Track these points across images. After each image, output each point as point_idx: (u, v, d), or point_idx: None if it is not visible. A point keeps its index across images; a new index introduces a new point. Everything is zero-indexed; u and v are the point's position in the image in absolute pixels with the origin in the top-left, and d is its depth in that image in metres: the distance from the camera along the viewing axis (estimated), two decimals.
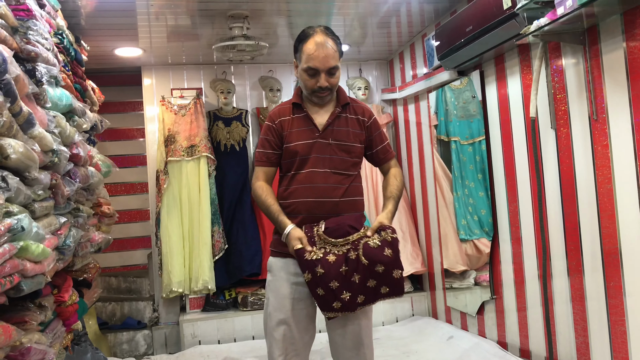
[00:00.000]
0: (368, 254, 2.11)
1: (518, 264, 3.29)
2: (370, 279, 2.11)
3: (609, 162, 2.50)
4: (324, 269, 2.08)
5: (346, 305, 2.10)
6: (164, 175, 4.40)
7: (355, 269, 2.11)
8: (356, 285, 2.11)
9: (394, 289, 2.14)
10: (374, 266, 2.10)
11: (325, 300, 2.10)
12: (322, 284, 2.08)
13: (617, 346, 2.52)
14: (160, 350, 4.39)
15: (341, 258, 2.11)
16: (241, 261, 4.44)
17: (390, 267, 2.11)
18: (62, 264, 2.57)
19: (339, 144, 2.22)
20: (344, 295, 2.10)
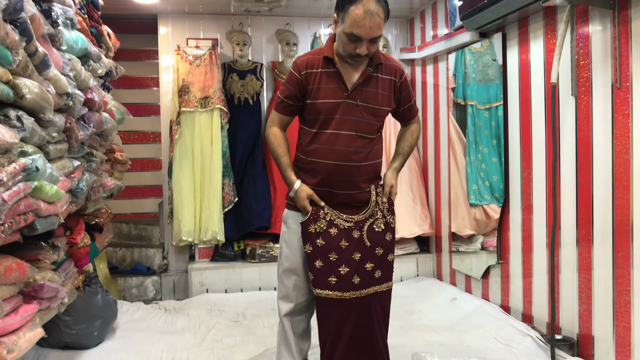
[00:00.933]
0: (372, 237, 2.20)
1: (527, 231, 3.29)
2: (369, 262, 2.20)
3: (628, 131, 2.45)
4: (324, 241, 2.15)
5: (341, 283, 2.15)
6: (176, 126, 4.40)
7: (357, 247, 2.18)
8: (355, 263, 2.17)
9: (385, 274, 2.26)
10: (375, 248, 2.20)
11: (321, 274, 2.14)
12: (322, 255, 2.13)
13: (620, 315, 2.53)
14: (169, 297, 4.50)
15: (344, 233, 2.17)
16: (251, 215, 4.48)
17: (387, 251, 2.25)
18: (74, 206, 2.61)
19: (367, 106, 2.16)
20: (342, 269, 2.15)
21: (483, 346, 3.08)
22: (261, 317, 3.72)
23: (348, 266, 2.17)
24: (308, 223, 2.18)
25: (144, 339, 3.32)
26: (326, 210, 2.20)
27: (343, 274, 2.16)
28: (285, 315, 2.27)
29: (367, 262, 2.20)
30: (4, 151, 1.75)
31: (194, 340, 3.32)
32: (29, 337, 1.96)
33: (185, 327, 3.56)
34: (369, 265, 2.20)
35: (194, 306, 4.01)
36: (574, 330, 2.87)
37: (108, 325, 3.31)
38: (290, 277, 2.22)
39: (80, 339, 3.08)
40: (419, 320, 3.62)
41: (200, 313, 3.85)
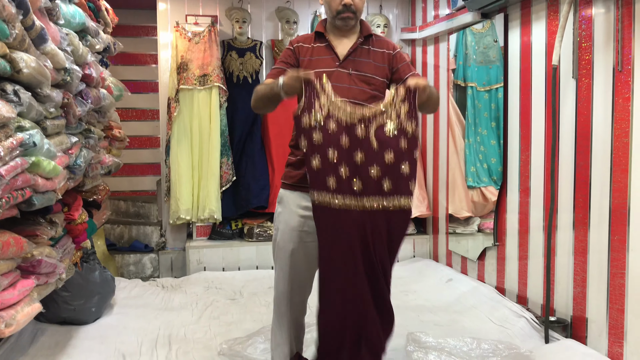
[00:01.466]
0: (381, 139, 1.88)
1: (524, 214, 3.30)
2: (375, 166, 1.90)
3: (628, 115, 2.45)
4: (322, 137, 1.89)
5: (341, 187, 1.90)
6: (174, 103, 4.38)
7: (360, 146, 1.89)
8: (357, 165, 1.90)
9: (396, 187, 1.91)
10: (383, 152, 1.88)
11: (318, 175, 1.90)
12: (320, 153, 1.89)
13: (614, 298, 2.56)
14: (166, 274, 4.52)
15: (344, 129, 1.90)
16: (249, 194, 4.48)
17: (399, 159, 1.90)
18: (72, 183, 2.60)
19: (359, 75, 2.18)
20: (342, 169, 1.88)
21: (478, 327, 3.11)
22: (258, 295, 3.75)
23: (349, 166, 1.89)
24: (301, 114, 1.89)
25: (141, 316, 3.34)
26: (322, 100, 1.90)
27: (344, 177, 1.88)
28: (281, 295, 2.28)
29: (371, 165, 1.88)
30: (1, 126, 1.74)
31: (191, 317, 3.34)
32: (27, 312, 1.97)
33: (183, 305, 3.58)
34: (374, 170, 1.88)
35: (191, 284, 4.04)
36: (568, 312, 2.90)
37: (106, 302, 3.33)
38: (286, 258, 2.22)
39: (78, 315, 3.10)
40: (415, 300, 3.65)
41: (197, 290, 3.87)
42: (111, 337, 2.97)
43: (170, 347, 2.85)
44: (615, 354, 2.55)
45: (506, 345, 2.74)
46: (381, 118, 1.91)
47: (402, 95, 1.92)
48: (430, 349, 2.72)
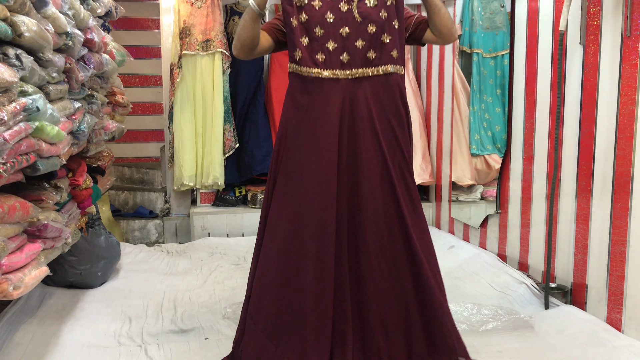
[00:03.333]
0: (363, 12, 2.02)
1: (527, 182, 3.30)
2: (360, 39, 2.03)
3: (635, 81, 2.42)
4: (307, 14, 2.02)
5: (330, 60, 2.03)
6: (177, 69, 4.35)
7: (344, 21, 2.03)
8: (343, 38, 2.03)
9: (381, 57, 2.04)
10: (366, 25, 2.02)
11: (307, 51, 2.02)
12: (307, 31, 2.03)
13: (615, 265, 2.58)
14: (171, 240, 4.57)
15: (328, 5, 2.03)
16: (252, 161, 4.49)
17: (380, 30, 2.03)
18: (76, 148, 2.61)
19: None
20: (329, 44, 2.01)
21: (479, 293, 3.15)
22: None
23: (336, 41, 2.02)
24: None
25: (146, 280, 3.39)
26: None
27: (331, 50, 2.02)
28: None
29: (356, 38, 2.03)
30: (3, 90, 1.73)
31: (195, 281, 3.39)
32: (35, 275, 2.01)
33: (187, 269, 3.63)
34: (359, 42, 2.03)
35: (195, 249, 4.08)
36: (568, 279, 2.93)
37: (111, 266, 3.38)
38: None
39: (85, 279, 3.15)
40: None
41: (202, 256, 3.92)
42: (117, 301, 3.03)
43: (176, 311, 2.90)
44: (614, 320, 2.59)
45: (506, 310, 2.78)
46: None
47: None
48: None
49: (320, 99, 2.06)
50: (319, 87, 2.05)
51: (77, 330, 2.63)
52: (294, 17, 2.02)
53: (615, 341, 2.42)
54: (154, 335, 2.61)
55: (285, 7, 2.04)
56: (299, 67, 2.06)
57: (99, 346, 2.48)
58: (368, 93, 2.06)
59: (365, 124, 2.05)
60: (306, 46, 2.02)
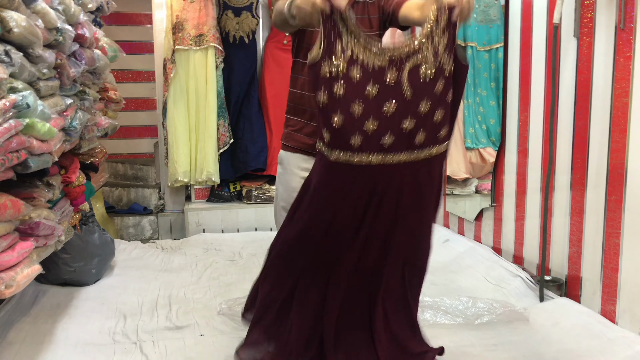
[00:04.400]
0: (414, 83, 1.56)
1: (522, 175, 3.30)
2: (410, 117, 1.59)
3: (629, 74, 2.42)
4: (344, 88, 1.55)
5: (367, 145, 1.60)
6: (171, 64, 4.32)
7: (390, 95, 1.57)
8: (387, 118, 1.58)
9: (430, 139, 1.63)
10: (419, 100, 1.58)
11: (339, 134, 1.58)
12: (342, 108, 1.57)
13: (609, 257, 2.58)
14: (165, 236, 4.55)
15: (371, 76, 1.56)
16: (247, 156, 4.48)
17: (434, 107, 1.60)
18: (68, 145, 2.59)
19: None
20: (369, 124, 1.57)
21: (474, 286, 3.16)
22: (257, 256, 3.78)
23: (377, 119, 1.57)
24: (320, 61, 1.55)
25: (141, 277, 3.38)
26: (345, 40, 1.53)
27: (370, 134, 1.58)
28: None
29: (404, 117, 1.58)
30: None
31: (190, 278, 3.38)
32: (27, 273, 1.99)
33: (182, 266, 3.62)
34: (407, 122, 1.58)
35: (190, 245, 4.07)
36: (563, 272, 2.93)
37: (106, 263, 3.37)
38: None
39: (79, 276, 3.14)
40: None
41: (197, 252, 3.91)
42: (112, 298, 3.01)
43: (171, 307, 2.89)
44: (608, 312, 2.59)
45: (501, 303, 2.78)
46: (415, 58, 1.56)
47: (444, 23, 1.56)
48: (426, 307, 2.77)
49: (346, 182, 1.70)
50: (344, 171, 1.67)
51: (72, 328, 2.62)
52: (325, 91, 1.58)
53: (609, 333, 2.43)
54: (149, 332, 2.60)
55: (313, 78, 1.62)
56: (328, 151, 1.66)
57: (94, 344, 2.47)
58: (405, 181, 1.70)
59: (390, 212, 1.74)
60: (339, 128, 1.59)
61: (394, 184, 1.69)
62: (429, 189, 1.77)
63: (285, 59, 4.10)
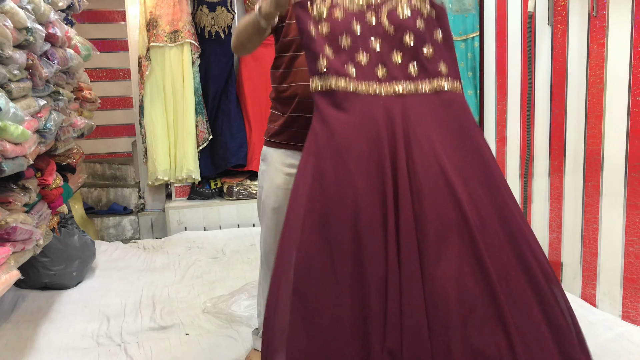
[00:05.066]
0: (394, 22, 1.65)
1: (500, 163, 3.33)
2: (396, 50, 1.64)
3: (603, 61, 2.45)
4: (330, 26, 1.62)
5: (363, 73, 1.61)
6: (146, 62, 4.26)
7: (374, 33, 1.64)
8: (376, 52, 1.62)
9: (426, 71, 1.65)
10: (401, 35, 1.64)
11: (333, 64, 1.58)
12: (330, 42, 1.61)
13: (588, 242, 2.63)
14: (147, 235, 4.51)
15: (352, 15, 1.64)
16: (226, 153, 4.44)
17: (420, 42, 1.64)
18: (44, 147, 2.55)
19: None
20: (360, 56, 1.60)
21: None
22: (240, 252, 3.77)
23: (367, 53, 1.62)
24: (304, 3, 1.63)
25: (124, 278, 3.34)
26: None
27: (363, 64, 1.61)
28: (269, 251, 2.28)
29: (391, 51, 1.63)
30: None
31: (173, 277, 3.36)
32: (5, 280, 1.96)
33: (165, 265, 3.59)
34: (395, 55, 1.63)
35: (172, 244, 4.04)
36: None
37: (87, 265, 3.32)
38: (272, 215, 2.21)
39: (60, 279, 3.09)
40: None
41: (179, 251, 3.88)
42: (94, 300, 2.98)
43: (155, 308, 2.87)
44: (588, 295, 2.64)
45: None
46: (390, 3, 1.66)
47: None
48: None
49: (360, 115, 1.59)
50: (354, 104, 1.59)
51: (54, 332, 2.58)
52: (312, 26, 1.61)
53: (590, 316, 2.47)
54: (134, 333, 2.58)
55: (299, 14, 1.64)
56: (324, 81, 1.60)
57: (77, 348, 2.44)
58: (425, 114, 1.61)
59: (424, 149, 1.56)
60: (332, 58, 1.60)
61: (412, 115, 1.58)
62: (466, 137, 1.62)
63: (262, 53, 4.07)
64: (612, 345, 2.23)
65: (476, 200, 1.54)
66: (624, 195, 2.40)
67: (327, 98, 1.58)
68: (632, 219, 2.37)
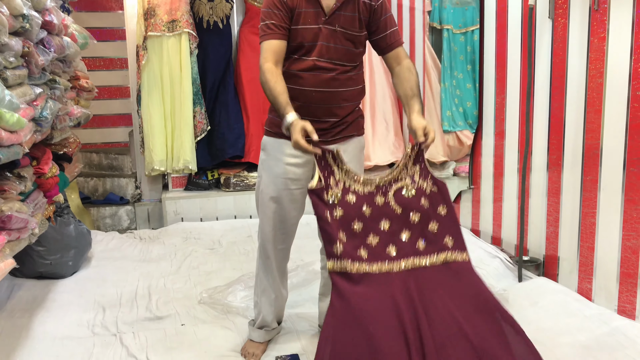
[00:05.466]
0: (402, 203, 1.81)
1: (499, 157, 3.32)
2: (405, 230, 1.81)
3: (603, 55, 2.44)
4: (343, 210, 1.79)
5: (374, 255, 1.76)
6: (143, 51, 4.23)
7: (383, 214, 1.81)
8: (385, 233, 1.79)
9: (433, 246, 1.80)
10: (408, 213, 1.81)
11: (346, 247, 1.74)
12: (344, 226, 1.77)
13: (585, 236, 2.62)
14: (143, 226, 4.49)
15: (363, 198, 1.82)
16: (224, 144, 4.42)
17: (426, 219, 1.81)
18: (39, 135, 2.52)
19: (345, 32, 2.04)
20: (370, 239, 1.77)
21: None
22: (237, 244, 3.76)
23: (378, 234, 1.78)
24: (320, 192, 1.80)
25: (120, 268, 3.34)
26: (337, 175, 1.83)
27: (374, 246, 1.78)
28: (267, 241, 2.28)
29: (400, 230, 1.80)
30: None
31: (170, 267, 3.35)
32: (0, 268, 1.94)
33: (161, 256, 3.58)
34: (405, 234, 1.80)
35: (169, 235, 4.03)
36: (540, 252, 2.97)
37: (82, 255, 3.31)
38: (270, 204, 2.21)
39: (55, 269, 3.08)
40: None
41: (175, 241, 3.87)
42: (90, 290, 2.97)
43: (150, 298, 2.86)
44: (584, 290, 2.64)
45: None
46: (397, 184, 1.85)
47: (413, 157, 1.88)
48: None
49: (376, 289, 1.72)
50: (370, 280, 1.73)
51: (49, 321, 2.57)
52: (327, 212, 1.76)
53: (586, 310, 2.48)
54: (129, 323, 2.58)
55: (315, 201, 1.79)
56: (340, 264, 1.73)
57: (73, 337, 2.44)
58: (438, 284, 1.74)
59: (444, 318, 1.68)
60: (345, 242, 1.74)
61: (425, 287, 1.73)
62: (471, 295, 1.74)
63: None
64: (608, 340, 2.24)
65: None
66: (621, 190, 2.40)
67: (344, 277, 1.72)
68: (629, 214, 2.37)
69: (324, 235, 1.78)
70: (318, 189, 1.80)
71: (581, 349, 2.20)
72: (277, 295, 2.32)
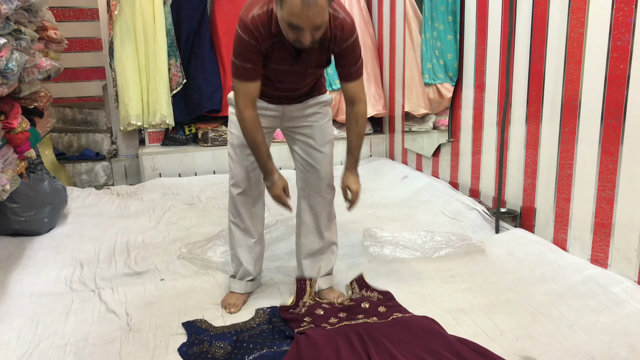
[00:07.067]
0: (361, 311, 2.16)
1: (478, 110, 3.31)
2: (380, 328, 2.04)
3: (585, 4, 2.40)
4: (311, 319, 2.11)
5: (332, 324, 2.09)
6: (114, 1, 4.06)
7: (350, 322, 2.09)
8: (361, 336, 1.98)
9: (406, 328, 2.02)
10: (369, 317, 2.11)
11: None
12: (316, 325, 2.07)
13: (562, 188, 2.65)
14: (120, 182, 4.44)
15: (330, 312, 2.16)
16: (201, 97, 4.33)
17: (388, 316, 2.11)
18: (6, 89, 2.44)
19: (312, 70, 2.10)
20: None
21: (431, 220, 3.21)
22: (216, 199, 3.74)
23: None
24: (292, 308, 2.20)
25: (97, 224, 3.30)
26: (306, 299, 2.24)
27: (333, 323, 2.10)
28: (238, 194, 2.27)
29: (374, 330, 2.02)
30: None
31: (148, 223, 3.32)
32: None
33: (139, 211, 3.55)
34: (378, 332, 2.00)
35: (147, 190, 3.98)
36: (518, 204, 3.01)
37: (58, 211, 3.26)
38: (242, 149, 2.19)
39: (30, 226, 3.03)
40: (371, 198, 3.72)
41: (154, 197, 3.83)
42: (67, 246, 2.94)
43: (129, 254, 2.85)
44: (559, 240, 2.69)
45: (458, 236, 2.84)
46: (350, 305, 2.21)
47: (356, 287, 2.36)
48: (385, 243, 2.81)
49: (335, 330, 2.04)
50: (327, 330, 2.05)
51: (26, 278, 2.55)
52: (302, 321, 2.10)
53: (560, 260, 2.53)
54: (108, 279, 2.56)
55: (287, 316, 2.15)
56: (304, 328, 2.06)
57: (50, 293, 2.42)
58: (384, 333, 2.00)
59: None
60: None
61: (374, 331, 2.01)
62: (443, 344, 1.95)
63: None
64: (580, 288, 2.29)
65: None
66: (599, 142, 2.41)
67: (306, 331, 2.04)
68: (605, 165, 2.39)
69: (293, 325, 2.09)
70: (291, 306, 2.21)
71: (555, 297, 2.26)
72: (255, 241, 2.32)
